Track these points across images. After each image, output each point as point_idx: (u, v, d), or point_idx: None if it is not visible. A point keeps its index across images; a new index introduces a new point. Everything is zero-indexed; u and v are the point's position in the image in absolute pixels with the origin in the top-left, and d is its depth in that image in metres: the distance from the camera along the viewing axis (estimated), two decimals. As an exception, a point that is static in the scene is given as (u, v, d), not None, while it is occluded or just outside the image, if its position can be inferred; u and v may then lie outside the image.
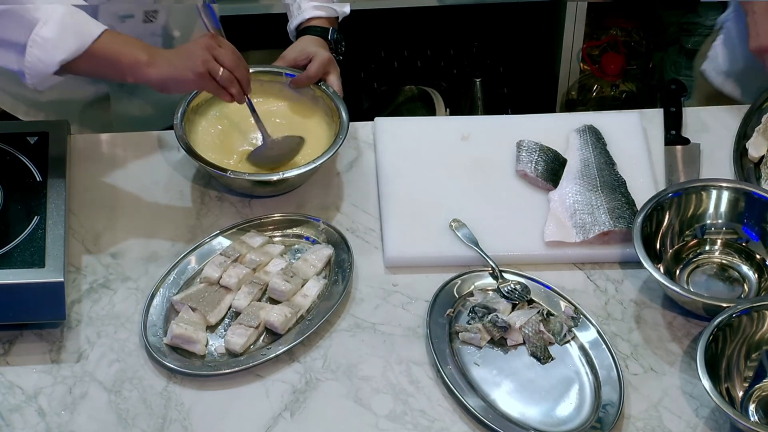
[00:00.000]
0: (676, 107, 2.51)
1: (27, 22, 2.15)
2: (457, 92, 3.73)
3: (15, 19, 2.15)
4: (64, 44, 2.16)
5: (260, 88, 2.41)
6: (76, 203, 2.32)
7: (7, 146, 2.32)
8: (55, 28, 2.15)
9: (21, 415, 2.04)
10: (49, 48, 2.16)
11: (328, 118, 2.41)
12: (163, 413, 2.05)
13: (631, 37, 3.79)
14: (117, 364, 2.11)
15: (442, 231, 2.29)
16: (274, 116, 2.42)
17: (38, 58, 2.16)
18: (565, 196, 2.33)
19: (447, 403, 2.07)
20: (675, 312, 2.19)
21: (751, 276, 2.24)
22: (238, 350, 2.10)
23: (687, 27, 3.74)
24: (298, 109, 2.44)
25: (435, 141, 2.45)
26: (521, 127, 2.47)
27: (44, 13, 2.15)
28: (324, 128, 2.40)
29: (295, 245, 2.27)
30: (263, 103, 2.42)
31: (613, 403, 2.04)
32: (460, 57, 3.89)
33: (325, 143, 2.36)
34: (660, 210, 2.25)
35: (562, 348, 2.13)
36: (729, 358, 2.08)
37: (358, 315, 2.18)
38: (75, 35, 2.16)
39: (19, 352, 2.12)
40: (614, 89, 3.72)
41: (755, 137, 2.41)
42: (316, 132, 2.40)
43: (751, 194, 2.26)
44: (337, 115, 2.38)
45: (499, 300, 2.17)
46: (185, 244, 2.26)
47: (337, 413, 2.05)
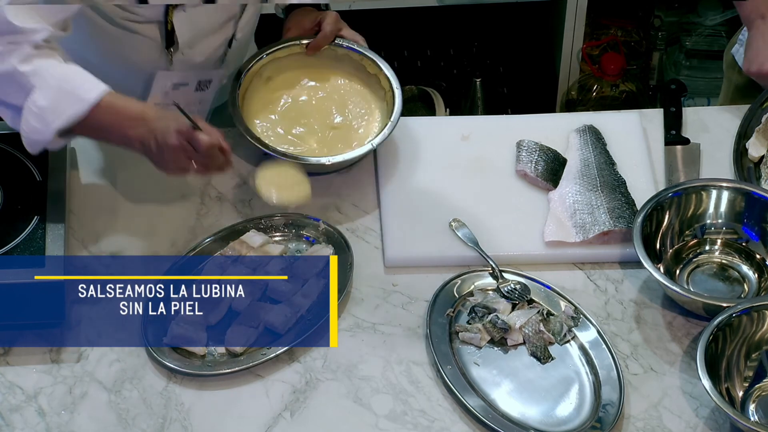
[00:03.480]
0: (676, 107, 2.50)
1: (23, 87, 2.11)
2: (457, 92, 3.73)
3: (12, 83, 2.11)
4: (60, 112, 2.12)
5: (278, 65, 2.42)
6: (76, 203, 2.32)
7: (7, 146, 2.32)
8: (50, 94, 2.11)
9: (21, 415, 2.04)
10: (44, 116, 2.12)
11: (360, 72, 2.43)
12: (163, 413, 2.05)
13: (631, 37, 3.79)
14: (117, 364, 2.11)
15: (442, 231, 2.28)
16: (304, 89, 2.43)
17: (34, 127, 2.13)
18: (565, 196, 2.33)
19: (447, 403, 2.07)
20: (675, 312, 2.19)
21: (751, 276, 2.24)
22: (238, 350, 2.10)
23: (687, 27, 3.74)
24: (324, 75, 2.45)
25: (435, 141, 2.45)
26: (521, 127, 2.47)
27: (41, 79, 2.11)
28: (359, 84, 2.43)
29: (295, 245, 2.27)
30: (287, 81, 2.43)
31: (613, 403, 2.04)
32: (460, 57, 3.89)
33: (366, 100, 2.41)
34: (660, 210, 2.25)
35: (562, 348, 2.13)
36: (729, 358, 2.08)
37: (358, 315, 2.18)
38: (72, 102, 2.12)
39: (19, 352, 2.12)
40: (614, 89, 3.72)
41: (755, 137, 2.41)
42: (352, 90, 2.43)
43: (751, 194, 2.26)
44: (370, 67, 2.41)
45: (499, 300, 2.17)
46: (185, 244, 2.26)
47: (337, 413, 2.05)
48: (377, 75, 2.42)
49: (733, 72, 2.68)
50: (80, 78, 2.14)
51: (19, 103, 2.12)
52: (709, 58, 3.70)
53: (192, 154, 2.13)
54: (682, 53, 3.73)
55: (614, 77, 3.70)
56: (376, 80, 2.42)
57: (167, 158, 2.14)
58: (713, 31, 3.71)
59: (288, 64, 2.44)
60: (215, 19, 2.38)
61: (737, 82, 2.66)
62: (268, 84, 2.43)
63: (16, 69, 2.10)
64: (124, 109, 2.15)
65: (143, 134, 2.14)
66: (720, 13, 3.69)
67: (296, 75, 2.45)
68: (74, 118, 2.12)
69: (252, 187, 2.29)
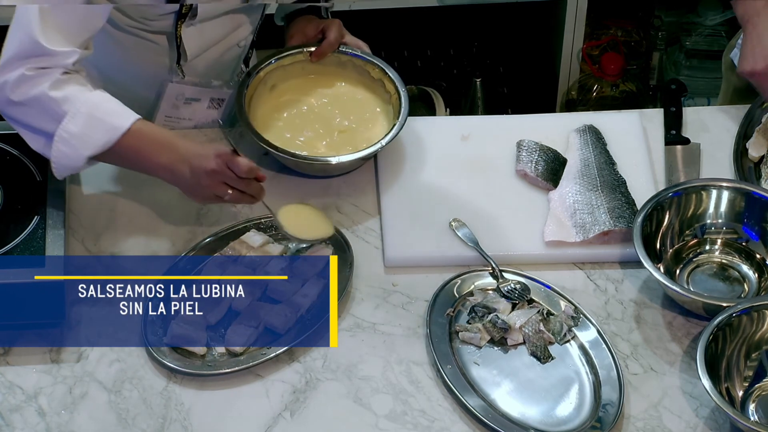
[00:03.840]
0: (676, 107, 2.50)
1: (55, 114, 2.12)
2: (457, 92, 3.72)
3: (44, 109, 2.12)
4: (91, 139, 2.13)
5: (283, 73, 2.43)
6: (76, 203, 2.32)
7: (7, 146, 2.32)
8: (81, 121, 2.12)
9: (21, 415, 2.04)
10: (75, 143, 2.13)
11: (364, 78, 2.43)
12: (163, 413, 2.05)
13: (631, 37, 3.79)
14: (117, 364, 2.11)
15: (442, 231, 2.29)
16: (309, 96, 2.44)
17: (64, 153, 2.14)
18: (565, 196, 2.33)
19: (447, 403, 2.07)
20: (675, 312, 2.19)
21: (751, 276, 2.24)
22: (238, 350, 2.10)
23: (687, 27, 3.74)
24: (328, 81, 2.46)
25: (435, 141, 2.45)
26: (521, 127, 2.47)
27: (73, 105, 2.12)
28: (363, 90, 2.44)
29: (295, 245, 2.27)
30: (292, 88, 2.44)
31: (613, 403, 2.04)
32: (460, 57, 3.89)
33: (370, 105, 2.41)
34: (660, 210, 2.25)
35: (562, 348, 2.13)
36: (729, 357, 2.08)
37: (358, 315, 2.18)
38: (104, 130, 2.14)
39: (19, 352, 2.12)
40: (614, 89, 3.72)
41: (755, 137, 2.41)
42: (357, 95, 2.43)
43: (751, 194, 2.26)
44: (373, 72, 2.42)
45: (499, 300, 2.17)
46: (185, 244, 2.26)
47: (337, 413, 2.05)
48: (381, 79, 2.43)
49: (732, 74, 2.68)
50: (110, 105, 2.16)
51: (50, 130, 2.13)
52: (709, 58, 3.69)
53: (230, 179, 2.13)
54: (682, 53, 3.73)
55: (614, 77, 3.70)
56: (380, 84, 2.43)
57: (203, 183, 2.14)
58: (713, 31, 3.70)
59: (292, 71, 2.45)
60: (224, 32, 2.40)
61: (736, 85, 2.66)
62: (273, 91, 2.43)
63: (48, 95, 2.11)
64: (154, 135, 2.17)
65: (174, 160, 2.15)
66: (720, 13, 3.69)
67: (301, 82, 2.46)
68: (105, 146, 2.14)
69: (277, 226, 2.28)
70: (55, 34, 2.11)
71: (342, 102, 2.44)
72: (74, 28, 2.14)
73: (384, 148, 2.35)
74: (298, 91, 2.45)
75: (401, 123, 2.35)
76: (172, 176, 2.16)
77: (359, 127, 2.40)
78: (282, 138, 2.37)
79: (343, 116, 2.42)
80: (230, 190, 2.14)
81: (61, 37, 2.12)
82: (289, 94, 2.44)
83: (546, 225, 2.29)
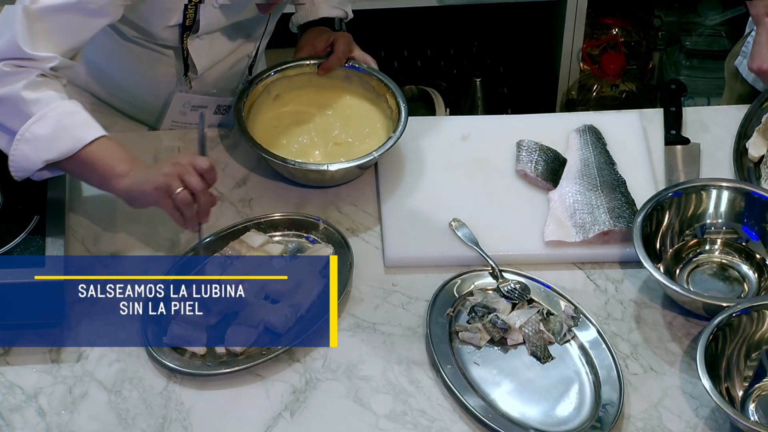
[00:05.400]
0: (676, 107, 2.51)
1: (23, 114, 2.10)
2: (457, 92, 3.73)
3: (14, 108, 2.10)
4: (54, 144, 2.10)
5: (288, 84, 2.43)
6: (76, 203, 2.32)
7: (7, 146, 2.32)
8: (48, 126, 2.10)
9: (21, 414, 2.04)
10: (38, 145, 2.10)
11: (369, 92, 2.44)
12: (163, 413, 2.05)
13: (631, 37, 3.79)
14: (117, 364, 2.11)
15: (442, 231, 2.29)
16: (312, 107, 2.44)
17: (24, 154, 2.11)
18: (565, 196, 2.33)
19: (447, 403, 2.07)
20: (675, 312, 2.19)
21: (751, 276, 2.24)
22: (238, 350, 2.10)
23: (687, 27, 3.74)
24: (333, 94, 2.46)
25: (435, 141, 2.45)
26: (521, 127, 2.47)
27: (42, 109, 2.10)
28: (367, 104, 2.44)
29: (295, 245, 2.27)
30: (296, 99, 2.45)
31: (613, 403, 2.04)
32: (460, 57, 3.89)
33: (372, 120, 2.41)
34: (660, 210, 2.25)
35: (562, 348, 2.13)
36: (729, 357, 2.08)
37: (358, 315, 2.18)
38: (68, 137, 2.11)
39: (19, 352, 2.12)
40: (614, 89, 3.72)
41: (755, 137, 2.41)
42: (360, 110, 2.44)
43: (751, 194, 2.26)
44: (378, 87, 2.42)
45: (499, 300, 2.17)
46: (185, 244, 2.26)
47: (337, 413, 2.05)
48: (385, 95, 2.42)
49: (735, 82, 2.69)
50: (81, 116, 2.13)
51: (14, 128, 2.11)
52: (709, 58, 3.70)
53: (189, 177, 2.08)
54: (682, 53, 3.73)
55: (614, 77, 3.70)
56: (384, 100, 2.43)
57: (164, 171, 2.09)
58: (713, 31, 3.71)
59: (297, 82, 2.45)
60: (233, 45, 2.40)
61: (740, 92, 2.68)
62: (276, 101, 2.44)
63: (20, 95, 2.09)
64: (117, 150, 2.13)
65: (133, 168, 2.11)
66: (720, 13, 3.69)
67: (305, 93, 2.46)
68: (67, 154, 2.11)
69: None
70: (39, 39, 2.10)
71: (345, 115, 2.45)
72: (58, 37, 2.12)
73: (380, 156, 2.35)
74: (301, 102, 2.45)
75: (396, 137, 2.35)
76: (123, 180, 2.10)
77: (355, 141, 2.40)
78: (278, 144, 2.37)
79: (342, 129, 2.42)
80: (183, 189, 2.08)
81: (44, 44, 2.10)
82: (293, 105, 2.45)
83: (546, 225, 2.29)
